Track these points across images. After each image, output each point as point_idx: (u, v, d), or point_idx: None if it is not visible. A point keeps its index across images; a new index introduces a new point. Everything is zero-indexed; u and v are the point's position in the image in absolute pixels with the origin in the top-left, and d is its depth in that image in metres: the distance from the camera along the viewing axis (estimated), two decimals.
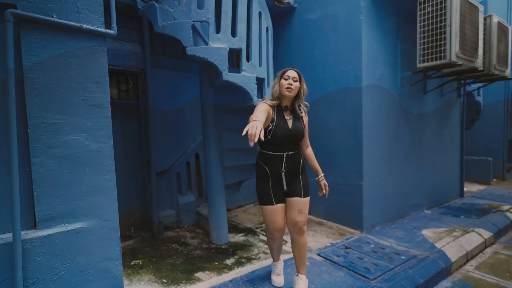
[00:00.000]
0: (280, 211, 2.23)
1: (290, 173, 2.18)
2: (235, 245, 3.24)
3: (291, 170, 2.18)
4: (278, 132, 2.08)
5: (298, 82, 2.10)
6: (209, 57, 2.45)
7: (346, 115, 3.73)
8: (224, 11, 2.50)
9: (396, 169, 4.06)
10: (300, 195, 2.21)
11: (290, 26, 4.29)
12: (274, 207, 2.21)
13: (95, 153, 1.86)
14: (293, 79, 2.09)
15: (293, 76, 2.09)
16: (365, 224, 3.69)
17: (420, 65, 3.70)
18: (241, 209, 4.49)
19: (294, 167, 2.19)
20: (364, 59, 3.57)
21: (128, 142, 3.41)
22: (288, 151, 2.15)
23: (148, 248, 3.14)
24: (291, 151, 2.16)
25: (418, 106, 4.38)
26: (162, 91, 3.57)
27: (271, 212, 2.22)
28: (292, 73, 2.11)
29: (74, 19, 1.77)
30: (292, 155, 2.17)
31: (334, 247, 3.24)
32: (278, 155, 2.14)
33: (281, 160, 2.14)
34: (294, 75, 2.11)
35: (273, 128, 2.08)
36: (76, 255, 1.80)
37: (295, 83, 2.09)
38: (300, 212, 2.21)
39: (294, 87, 2.09)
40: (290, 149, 2.15)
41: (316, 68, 3.99)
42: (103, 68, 1.88)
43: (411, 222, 4.04)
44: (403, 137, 4.16)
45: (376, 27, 3.71)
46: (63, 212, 1.76)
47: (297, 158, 2.21)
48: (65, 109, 1.76)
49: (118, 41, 3.26)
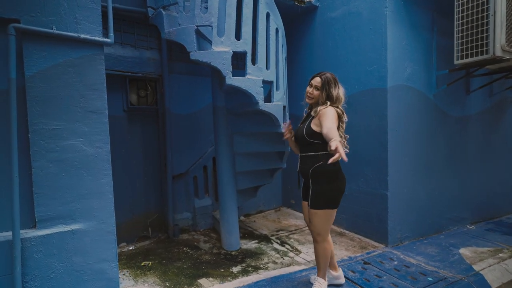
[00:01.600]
0: (305, 208, 2.30)
1: (303, 176, 2.22)
2: (245, 252, 3.16)
3: (303, 173, 2.20)
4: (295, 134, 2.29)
5: (319, 90, 2.10)
6: (212, 61, 2.43)
7: (370, 119, 3.45)
8: (228, 13, 2.46)
9: (430, 178, 3.65)
10: (309, 204, 2.20)
11: (312, 26, 4.12)
12: (303, 203, 2.34)
13: (92, 158, 1.93)
14: (315, 87, 2.12)
15: (316, 85, 2.12)
16: (390, 237, 3.36)
17: (458, 61, 3.28)
18: (260, 215, 4.41)
19: (304, 170, 2.17)
20: (390, 58, 3.28)
21: (147, 145, 3.54)
22: (301, 152, 2.23)
23: (161, 250, 3.21)
24: (302, 152, 2.22)
25: (459, 108, 3.90)
26: (179, 96, 3.65)
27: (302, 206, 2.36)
28: (316, 81, 2.13)
29: (73, 29, 1.86)
30: (303, 157, 2.20)
31: (351, 261, 3.00)
32: (298, 155, 2.29)
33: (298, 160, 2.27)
34: (317, 83, 2.12)
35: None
36: (73, 255, 1.88)
37: (316, 92, 2.11)
38: (311, 221, 2.22)
39: (314, 96, 2.13)
40: (303, 150, 2.21)
41: (339, 69, 3.76)
42: (101, 76, 1.95)
43: (448, 238, 3.60)
44: (439, 143, 3.73)
45: (405, 22, 3.38)
46: (61, 213, 1.85)
47: (308, 162, 2.14)
48: (63, 115, 1.86)
49: (138, 49, 3.40)
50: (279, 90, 2.82)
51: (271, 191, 4.56)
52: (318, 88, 2.09)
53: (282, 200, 4.82)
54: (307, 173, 2.14)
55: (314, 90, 2.11)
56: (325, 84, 2.08)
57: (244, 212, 4.32)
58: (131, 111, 3.41)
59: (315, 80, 2.13)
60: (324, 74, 2.12)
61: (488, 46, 3.03)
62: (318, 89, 2.09)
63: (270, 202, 4.62)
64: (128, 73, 3.31)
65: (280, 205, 4.78)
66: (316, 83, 2.11)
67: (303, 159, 2.19)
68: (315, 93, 2.11)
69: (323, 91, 2.09)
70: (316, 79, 2.12)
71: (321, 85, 2.09)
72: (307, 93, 2.15)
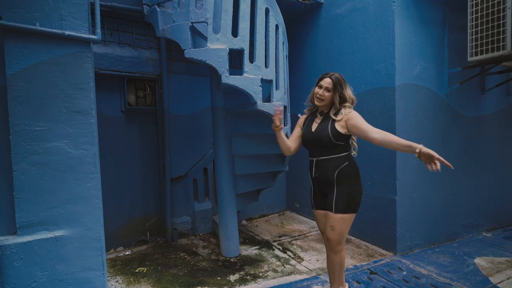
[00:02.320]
0: (320, 216, 2.13)
1: (322, 182, 2.02)
2: (245, 259, 3.03)
3: (323, 178, 2.01)
4: (304, 137, 2.09)
5: (330, 92, 1.98)
6: (207, 59, 2.32)
7: (377, 119, 3.27)
8: (224, 9, 2.34)
9: (442, 182, 3.44)
10: (331, 210, 2.00)
11: (316, 24, 3.97)
12: (315, 212, 2.17)
13: (77, 160, 1.84)
14: (326, 88, 1.98)
15: (326, 86, 1.98)
16: (399, 245, 3.17)
17: (471, 58, 3.08)
18: (263, 219, 4.26)
19: (326, 175, 2.00)
20: (398, 55, 3.10)
21: (146, 147, 3.45)
22: (318, 156, 2.03)
23: (158, 255, 3.10)
24: (321, 156, 2.01)
25: (473, 107, 3.68)
26: (179, 97, 3.55)
27: (315, 216, 2.19)
28: (326, 82, 1.99)
29: (58, 26, 1.77)
30: (323, 161, 2.01)
31: (357, 270, 2.83)
32: (310, 160, 2.09)
33: (311, 166, 2.07)
34: (328, 84, 1.98)
35: (302, 135, 2.11)
36: (56, 263, 1.78)
37: (327, 94, 1.98)
38: (333, 229, 2.01)
39: (325, 98, 1.99)
40: (320, 154, 2.02)
41: (345, 68, 3.60)
42: (87, 74, 1.86)
43: (461, 247, 3.38)
44: (452, 145, 3.51)
45: (415, 17, 3.20)
46: (44, 219, 1.76)
47: (331, 165, 1.99)
48: (47, 116, 1.77)
49: (136, 48, 3.32)
50: (279, 90, 2.69)
51: (274, 195, 4.42)
52: (329, 90, 1.98)
53: (286, 204, 4.66)
54: (331, 177, 1.97)
55: (325, 92, 1.98)
56: (337, 85, 1.98)
57: (247, 216, 4.19)
58: (129, 112, 3.33)
59: (325, 81, 1.99)
60: (333, 74, 2.00)
61: (505, 42, 2.82)
62: (329, 90, 1.98)
63: (274, 206, 4.47)
64: (126, 73, 3.24)
65: (284, 209, 4.62)
66: (326, 84, 1.98)
67: (323, 163, 2.00)
68: (326, 94, 1.98)
69: (336, 93, 1.98)
70: (326, 80, 1.99)
71: (333, 87, 1.98)
72: (317, 95, 1.99)
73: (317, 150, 2.03)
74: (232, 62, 3.71)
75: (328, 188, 2.01)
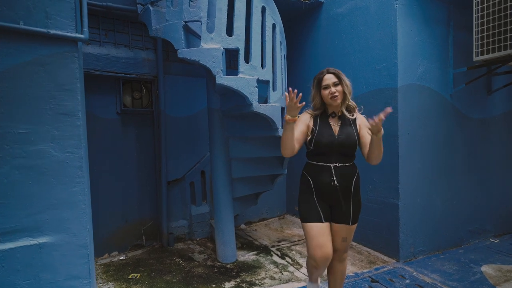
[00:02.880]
0: (329, 231, 1.86)
1: (342, 191, 1.82)
2: (242, 265, 2.93)
3: (344, 187, 1.82)
4: (321, 140, 1.82)
5: (339, 85, 1.82)
6: (200, 59, 2.24)
7: None
8: (218, 8, 2.26)
9: (447, 186, 3.33)
10: (348, 222, 1.86)
11: (317, 23, 3.88)
12: (323, 225, 1.82)
13: (63, 164, 1.77)
14: (334, 84, 1.82)
15: (333, 82, 1.82)
16: (402, 251, 3.05)
17: (477, 58, 2.97)
18: (263, 223, 4.17)
19: (346, 183, 1.82)
20: (401, 55, 3.00)
21: (142, 149, 3.39)
22: (335, 162, 1.81)
23: (152, 261, 3.03)
24: (340, 163, 1.82)
25: (479, 109, 3.55)
26: (176, 98, 3.48)
27: (320, 231, 1.81)
28: (329, 79, 1.83)
29: (43, 25, 1.71)
30: (343, 168, 1.82)
31: (357, 278, 2.72)
32: (323, 166, 1.83)
33: (328, 172, 1.81)
34: (333, 79, 1.82)
35: (315, 136, 1.84)
36: (40, 271, 1.71)
37: (338, 88, 1.82)
38: (345, 241, 1.91)
39: (339, 93, 1.82)
40: (338, 160, 1.82)
41: (346, 68, 3.50)
42: (74, 75, 1.79)
43: (468, 253, 3.25)
44: (457, 147, 3.39)
45: (418, 16, 3.10)
46: (27, 225, 1.69)
47: (350, 173, 1.85)
48: (32, 118, 1.70)
49: (132, 49, 3.26)
50: (277, 91, 2.60)
51: (274, 198, 4.32)
52: (337, 84, 1.82)
53: (286, 208, 4.56)
54: (350, 186, 1.84)
55: (336, 87, 1.82)
56: (339, 75, 1.83)
57: (246, 220, 4.10)
58: (124, 114, 3.27)
59: (329, 78, 1.83)
60: (328, 69, 1.87)
61: None
62: (338, 84, 1.82)
63: (274, 209, 4.37)
64: (121, 74, 3.18)
65: (284, 212, 4.52)
66: (332, 79, 1.82)
67: (343, 171, 1.82)
68: (338, 89, 1.82)
69: (343, 85, 1.82)
70: (329, 77, 1.83)
71: (338, 79, 1.82)
72: (332, 94, 1.80)
73: (337, 156, 1.82)
74: (231, 62, 3.63)
75: (342, 199, 1.83)
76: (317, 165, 1.85)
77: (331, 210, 1.87)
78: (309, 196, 1.87)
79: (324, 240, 1.80)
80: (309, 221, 1.83)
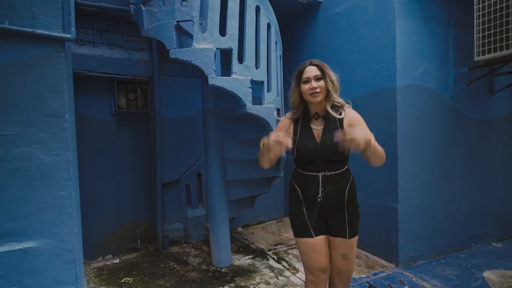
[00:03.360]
0: (322, 245, 1.65)
1: (330, 201, 1.61)
2: (237, 269, 2.88)
3: (332, 197, 1.61)
4: (303, 149, 1.61)
5: (322, 80, 1.58)
6: (192, 59, 2.20)
7: (378, 123, 3.11)
8: (211, 7, 2.22)
9: (448, 188, 3.25)
10: (345, 235, 1.63)
11: (315, 23, 3.83)
12: (314, 241, 1.63)
13: (49, 167, 1.73)
14: (316, 77, 1.57)
15: (315, 75, 1.57)
16: (401, 256, 2.98)
17: (479, 57, 2.90)
18: (260, 226, 4.11)
19: (336, 193, 1.61)
20: (399, 55, 2.93)
21: (136, 151, 3.35)
22: (324, 171, 1.60)
23: (146, 264, 2.98)
24: (329, 171, 1.60)
25: (481, 110, 3.47)
26: (172, 99, 3.44)
27: (311, 248, 1.63)
28: (311, 71, 1.59)
29: (29, 25, 1.67)
30: (333, 176, 1.60)
31: (355, 283, 2.65)
32: (311, 175, 1.62)
33: (316, 182, 1.60)
34: (315, 72, 1.58)
35: (296, 145, 1.63)
36: (24, 277, 1.67)
37: (320, 83, 1.57)
38: (346, 258, 1.65)
39: (321, 89, 1.57)
40: (327, 168, 1.60)
41: (344, 69, 3.44)
42: (61, 75, 1.75)
43: (469, 258, 3.17)
44: (458, 149, 3.32)
45: (417, 15, 3.03)
46: (11, 229, 1.65)
47: (342, 180, 1.63)
48: (17, 119, 1.67)
49: (127, 50, 3.23)
50: (272, 92, 2.55)
51: (272, 201, 4.26)
52: (319, 78, 1.58)
53: (284, 210, 4.50)
54: (342, 195, 1.63)
55: (317, 82, 1.57)
56: (324, 68, 1.59)
57: (243, 223, 4.04)
58: (119, 115, 3.24)
59: (310, 70, 1.59)
60: (311, 60, 1.64)
61: None
62: (320, 78, 1.58)
63: (271, 212, 4.31)
64: (116, 75, 3.14)
65: (283, 215, 4.46)
66: (314, 73, 1.58)
67: (334, 179, 1.61)
68: (320, 85, 1.57)
69: (326, 79, 1.57)
70: (310, 69, 1.59)
71: (321, 72, 1.58)
72: (312, 89, 1.56)
73: (325, 164, 1.60)
74: (227, 63, 3.59)
75: (334, 210, 1.63)
76: (304, 174, 1.65)
77: (326, 220, 1.66)
78: (299, 208, 1.67)
79: (316, 255, 1.64)
80: (299, 236, 1.67)
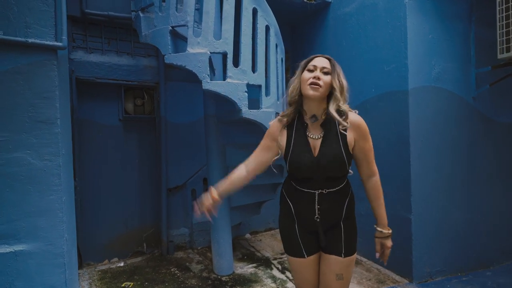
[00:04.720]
0: (315, 264, 1.52)
1: (326, 218, 1.44)
2: (238, 278, 2.80)
3: (329, 215, 1.44)
4: (297, 164, 1.40)
5: (329, 75, 1.37)
6: (186, 64, 2.18)
7: (389, 126, 2.92)
8: (205, 11, 2.19)
9: (470, 197, 2.97)
10: (340, 254, 1.45)
11: (324, 24, 3.70)
12: (306, 261, 1.48)
13: (40, 172, 1.76)
14: (323, 69, 1.36)
15: (323, 66, 1.37)
16: (415, 271, 2.75)
17: (502, 55, 2.64)
18: (269, 233, 4.00)
19: (332, 211, 1.45)
20: (411, 54, 2.74)
21: (143, 156, 3.39)
22: (322, 189, 1.41)
23: (149, 269, 2.98)
24: (328, 188, 1.42)
25: (507, 111, 3.17)
26: (177, 104, 3.46)
27: (303, 267, 1.50)
28: (321, 62, 1.38)
29: (23, 34, 1.73)
30: (331, 193, 1.43)
31: None
32: (306, 192, 1.43)
33: (311, 201, 1.42)
34: (324, 64, 1.37)
35: (289, 158, 1.42)
36: (15, 279, 1.70)
37: (325, 77, 1.35)
38: (340, 279, 1.47)
39: (323, 83, 1.34)
40: (325, 186, 1.41)
41: (354, 70, 3.28)
42: (52, 83, 1.79)
43: (496, 277, 2.87)
44: (481, 155, 3.04)
45: (431, 12, 2.83)
46: (2, 232, 1.69)
47: (340, 199, 1.46)
48: (9, 126, 1.72)
49: (134, 57, 3.30)
50: (270, 96, 2.47)
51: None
52: (327, 73, 1.37)
53: None
54: (340, 214, 1.47)
55: (322, 75, 1.35)
56: (335, 66, 1.39)
57: (251, 229, 3.96)
58: (126, 121, 3.30)
59: (320, 61, 1.39)
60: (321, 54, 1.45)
61: None
62: (328, 73, 1.37)
63: None
64: (123, 82, 3.22)
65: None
66: (323, 64, 1.37)
67: (332, 197, 1.43)
68: (324, 79, 1.35)
69: (335, 77, 1.36)
70: (320, 60, 1.39)
71: (331, 68, 1.37)
72: (312, 81, 1.34)
73: (323, 182, 1.40)
74: None
75: (330, 226, 1.47)
76: (299, 189, 1.45)
77: (319, 236, 1.47)
78: (291, 224, 1.49)
79: (308, 275, 1.52)
80: (291, 255, 1.52)
